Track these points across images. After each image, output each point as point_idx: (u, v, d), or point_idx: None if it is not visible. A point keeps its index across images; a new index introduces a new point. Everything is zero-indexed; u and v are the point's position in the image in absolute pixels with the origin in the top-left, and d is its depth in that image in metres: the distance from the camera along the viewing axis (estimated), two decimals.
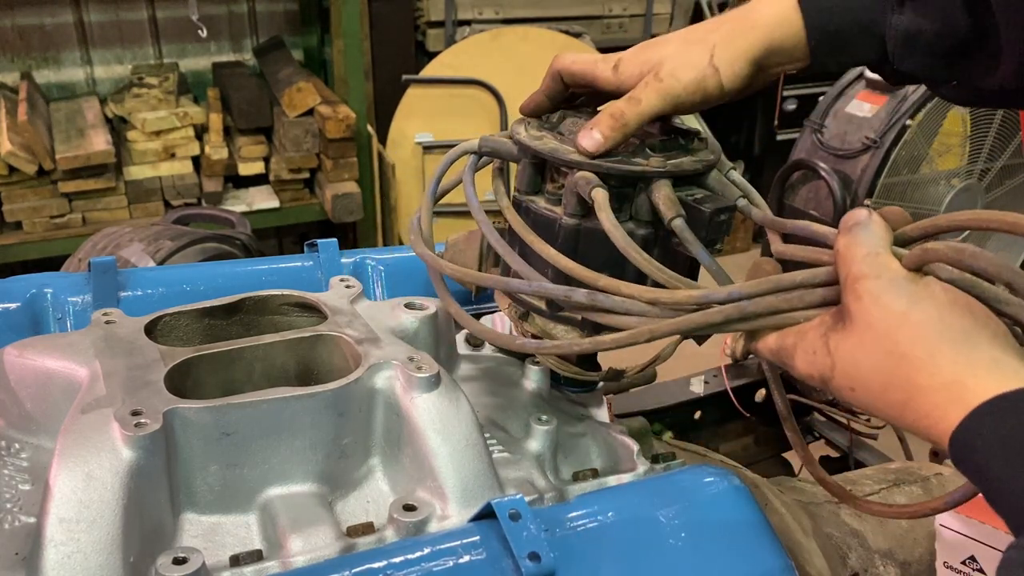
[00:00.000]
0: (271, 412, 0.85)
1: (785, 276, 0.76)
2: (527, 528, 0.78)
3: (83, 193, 3.38)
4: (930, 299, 0.65)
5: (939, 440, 0.63)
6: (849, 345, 0.69)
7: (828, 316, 0.72)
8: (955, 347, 0.63)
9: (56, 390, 0.91)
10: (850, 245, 0.70)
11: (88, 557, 0.72)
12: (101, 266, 1.17)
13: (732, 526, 0.88)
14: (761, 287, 0.76)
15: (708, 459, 1.30)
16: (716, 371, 1.75)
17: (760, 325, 0.77)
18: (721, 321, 0.77)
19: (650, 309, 0.81)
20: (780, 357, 0.77)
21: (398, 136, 4.06)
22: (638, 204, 0.89)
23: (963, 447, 0.61)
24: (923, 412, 0.64)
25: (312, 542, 0.81)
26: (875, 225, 0.70)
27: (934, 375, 0.63)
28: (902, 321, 0.65)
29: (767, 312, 0.76)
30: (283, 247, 4.27)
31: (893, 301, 0.66)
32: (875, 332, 0.66)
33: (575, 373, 1.06)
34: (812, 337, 0.72)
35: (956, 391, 0.62)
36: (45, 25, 3.72)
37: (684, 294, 0.79)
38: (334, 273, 1.24)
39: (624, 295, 0.81)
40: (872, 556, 1.18)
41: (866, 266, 0.68)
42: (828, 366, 0.71)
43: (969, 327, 0.64)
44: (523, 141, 0.93)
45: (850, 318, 0.69)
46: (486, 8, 4.34)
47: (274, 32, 4.15)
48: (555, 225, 0.90)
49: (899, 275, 0.67)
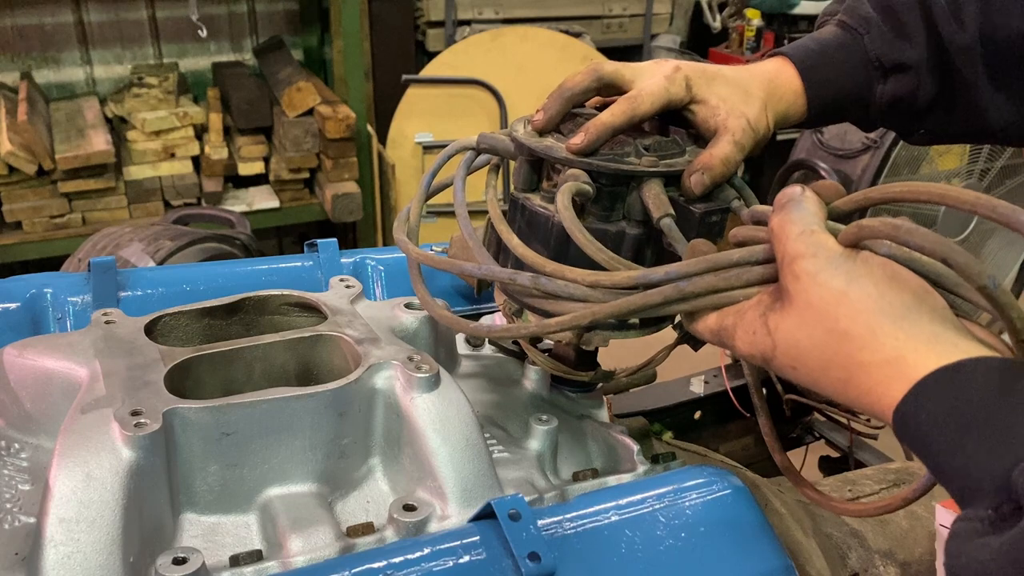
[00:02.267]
0: (271, 412, 0.85)
1: (722, 255, 0.76)
2: (527, 528, 0.78)
3: (83, 193, 3.38)
4: (868, 276, 0.65)
5: (882, 415, 0.64)
6: (788, 324, 0.69)
7: (766, 295, 0.72)
8: (895, 323, 0.63)
9: (56, 390, 0.91)
10: (784, 223, 0.70)
11: (88, 557, 0.72)
12: (101, 266, 1.17)
13: (732, 526, 0.88)
14: (699, 266, 0.76)
15: (708, 459, 1.30)
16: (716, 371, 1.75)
17: (699, 305, 0.77)
18: (660, 302, 0.77)
19: (591, 292, 0.81)
20: (720, 337, 0.77)
21: (398, 136, 4.07)
22: (630, 203, 0.89)
23: (906, 422, 0.61)
24: (865, 388, 0.64)
25: (312, 542, 0.81)
26: (808, 202, 0.70)
27: (875, 351, 0.63)
28: (840, 299, 0.65)
29: (705, 291, 0.76)
30: (283, 247, 4.27)
31: (831, 279, 0.66)
32: (814, 311, 0.66)
33: (564, 372, 1.06)
34: (751, 317, 0.72)
35: (898, 366, 0.62)
36: (45, 25, 3.72)
37: (623, 275, 0.80)
38: (334, 273, 1.24)
39: (568, 279, 0.82)
40: (872, 556, 1.18)
41: (801, 244, 0.68)
42: (769, 346, 0.71)
43: (909, 302, 0.64)
44: (520, 139, 0.94)
45: (788, 297, 0.68)
46: (486, 8, 4.34)
47: (274, 32, 4.15)
48: (548, 223, 0.90)
49: (835, 252, 0.67)
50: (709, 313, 0.77)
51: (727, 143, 0.89)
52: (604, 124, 0.88)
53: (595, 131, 0.88)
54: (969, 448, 0.57)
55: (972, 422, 0.57)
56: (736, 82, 0.94)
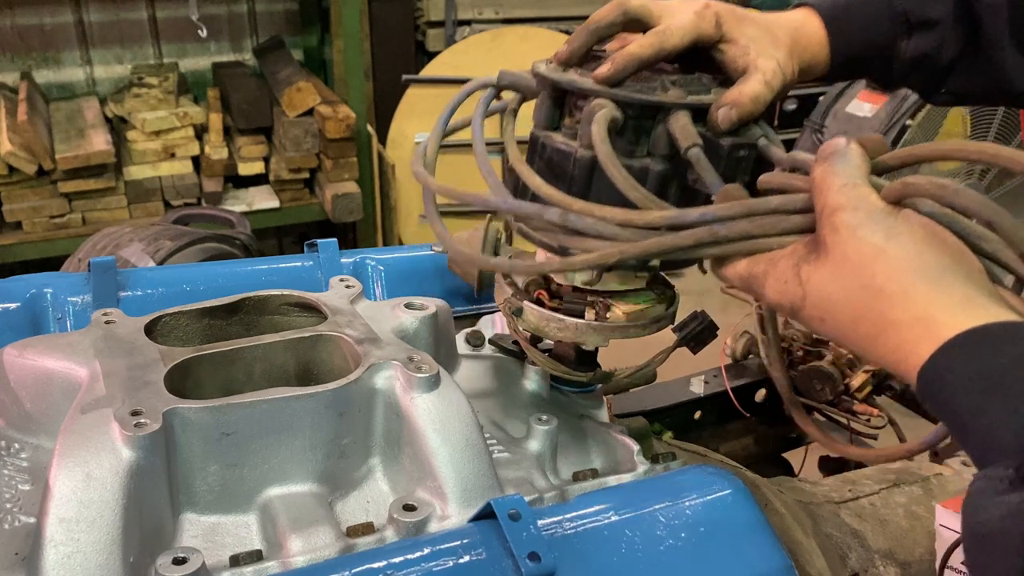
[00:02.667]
0: (271, 412, 0.85)
1: (760, 201, 0.75)
2: (527, 528, 0.78)
3: (83, 193, 3.38)
4: (908, 234, 0.65)
5: (907, 374, 0.64)
6: (822, 276, 0.68)
7: (801, 245, 0.71)
8: (930, 283, 0.63)
9: (56, 390, 0.91)
10: (827, 174, 0.69)
11: (88, 557, 0.72)
12: (101, 266, 1.17)
13: (732, 526, 0.88)
14: (735, 210, 0.74)
15: (708, 459, 1.30)
16: (716, 371, 1.75)
17: (731, 251, 0.75)
18: (692, 244, 0.75)
19: (621, 232, 0.78)
20: (749, 284, 0.76)
21: (398, 136, 4.07)
22: (656, 137, 0.86)
23: (932, 381, 0.61)
24: (893, 346, 0.64)
25: (312, 542, 0.81)
26: (853, 154, 0.70)
27: (907, 310, 0.63)
28: (878, 255, 0.65)
29: (739, 237, 0.74)
30: (283, 247, 4.27)
31: (870, 234, 0.65)
32: (850, 265, 0.66)
33: (564, 372, 1.06)
34: (784, 266, 0.72)
35: (927, 326, 0.62)
36: (45, 25, 3.72)
37: (656, 215, 0.77)
38: (334, 273, 1.24)
39: (597, 217, 0.79)
40: (872, 556, 1.18)
41: (843, 197, 0.67)
42: (799, 296, 0.70)
43: (946, 263, 0.64)
44: (542, 72, 0.90)
45: (825, 249, 0.68)
46: (486, 8, 4.34)
47: (274, 32, 4.15)
48: (570, 159, 0.86)
49: (877, 208, 0.66)
50: (740, 259, 0.76)
51: (757, 81, 0.86)
52: (631, 55, 0.85)
53: (622, 61, 0.85)
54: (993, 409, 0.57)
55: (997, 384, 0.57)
56: (765, 26, 0.92)
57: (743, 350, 1.76)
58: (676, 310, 1.03)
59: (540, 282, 1.02)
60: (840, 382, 1.59)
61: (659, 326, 1.00)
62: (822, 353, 1.63)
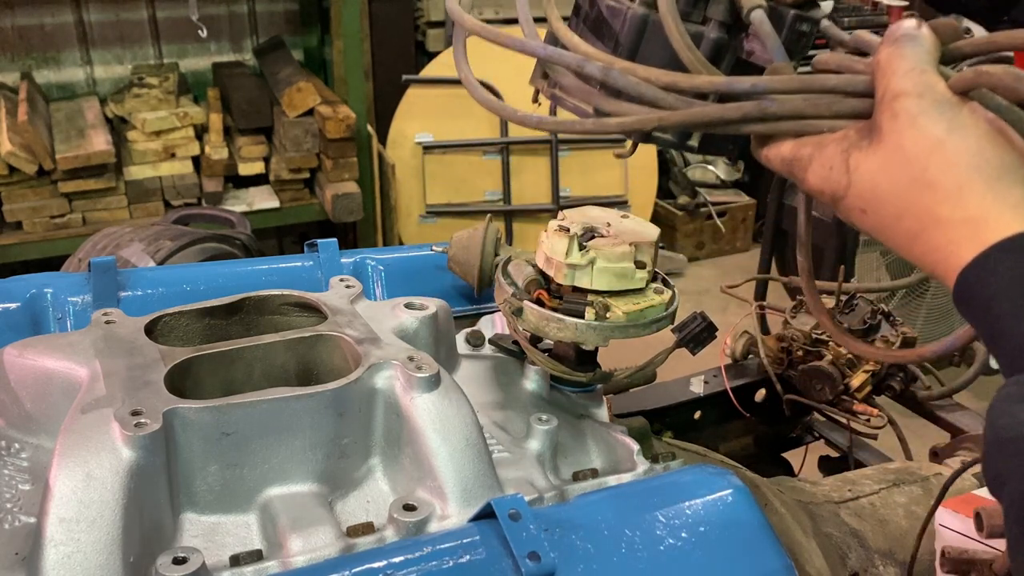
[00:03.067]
0: (271, 412, 0.85)
1: (817, 78, 0.69)
2: (527, 528, 0.78)
3: (83, 193, 3.38)
4: (972, 127, 0.62)
5: (945, 275, 0.61)
6: (872, 164, 0.65)
7: (853, 131, 0.67)
8: (986, 182, 0.60)
9: (56, 390, 0.91)
10: (893, 57, 0.64)
11: (88, 557, 0.72)
12: (101, 266, 1.18)
13: (732, 526, 0.88)
14: (790, 84, 0.69)
15: (708, 459, 1.30)
16: (716, 371, 1.74)
17: (778, 129, 0.70)
18: (738, 118, 0.70)
19: (664, 97, 0.72)
20: (791, 167, 0.71)
21: (398, 136, 4.07)
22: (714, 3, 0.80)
23: (972, 284, 0.59)
24: (935, 245, 0.62)
25: (312, 542, 0.81)
26: (924, 38, 0.65)
27: (957, 208, 0.60)
28: (936, 147, 0.61)
29: (790, 115, 0.69)
30: (283, 247, 4.27)
31: (931, 124, 0.62)
32: (904, 155, 0.62)
33: (564, 372, 1.06)
34: (832, 151, 0.68)
35: (976, 227, 0.59)
36: (45, 25, 3.72)
37: (705, 79, 0.72)
38: (334, 273, 1.24)
39: (641, 77, 0.73)
40: (872, 556, 1.18)
41: (908, 82, 0.63)
42: (843, 185, 0.67)
43: (1007, 163, 0.61)
44: None
45: (879, 136, 0.64)
46: (486, 8, 4.34)
47: (274, 32, 4.15)
48: (621, 17, 0.81)
49: (942, 97, 0.62)
50: (785, 139, 0.71)
51: None
52: None
53: None
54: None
55: None
56: None
57: (743, 350, 1.76)
58: (676, 310, 1.03)
59: (540, 282, 1.02)
60: (840, 382, 1.59)
61: (659, 326, 1.00)
62: (822, 353, 1.63)
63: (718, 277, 3.96)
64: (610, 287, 0.99)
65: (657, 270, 1.05)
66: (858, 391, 1.58)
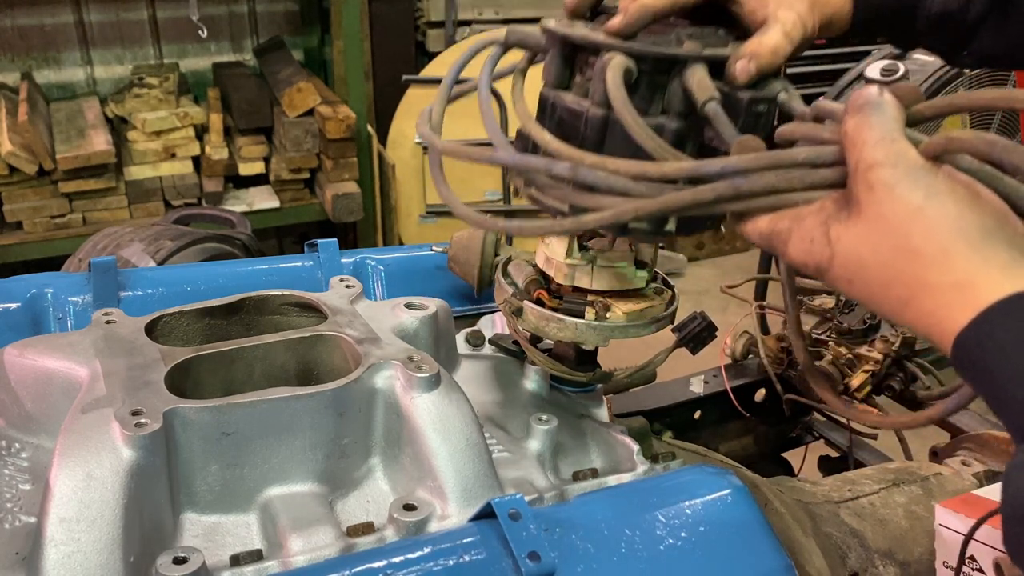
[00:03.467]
0: (271, 412, 0.85)
1: (785, 153, 0.70)
2: (527, 528, 0.78)
3: (83, 193, 3.38)
4: (949, 193, 0.61)
5: (941, 340, 0.61)
6: (853, 236, 0.65)
7: (830, 201, 0.67)
8: (971, 245, 0.60)
9: (56, 390, 0.91)
10: (861, 127, 0.65)
11: (88, 557, 0.73)
12: (101, 266, 1.18)
13: (732, 526, 0.88)
14: (759, 162, 0.69)
15: (708, 459, 1.30)
16: (716, 371, 1.74)
17: (754, 206, 0.71)
18: (712, 199, 0.70)
19: (635, 186, 0.73)
20: (771, 242, 0.71)
21: (398, 136, 4.07)
22: (671, 93, 0.82)
23: (970, 348, 0.58)
24: (927, 311, 0.61)
25: (312, 542, 0.81)
26: (888, 105, 0.66)
27: (945, 273, 0.60)
28: (917, 215, 0.61)
29: (764, 191, 0.69)
30: (283, 247, 4.27)
31: (908, 192, 0.62)
32: (886, 225, 0.62)
33: (563, 372, 1.06)
34: (810, 223, 0.68)
35: (967, 291, 0.59)
36: (45, 25, 3.72)
37: (673, 166, 0.72)
38: (334, 273, 1.24)
39: (609, 170, 0.74)
40: (872, 556, 1.18)
41: (880, 152, 0.63)
42: (826, 256, 0.67)
43: (989, 225, 0.61)
44: (552, 28, 0.86)
45: (858, 207, 0.64)
46: (486, 8, 4.34)
47: (274, 32, 4.15)
48: (582, 118, 0.83)
49: (916, 164, 0.62)
50: (762, 215, 0.72)
51: (776, 32, 0.82)
52: (645, 5, 0.81)
53: (635, 12, 0.81)
54: None
55: None
56: None
57: (743, 350, 1.75)
58: (676, 310, 1.03)
59: (540, 282, 1.02)
60: (840, 382, 1.59)
61: (659, 326, 1.00)
62: (822, 353, 1.63)
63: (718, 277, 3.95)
64: (610, 287, 0.99)
65: (657, 270, 1.05)
66: (858, 391, 1.58)
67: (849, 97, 0.67)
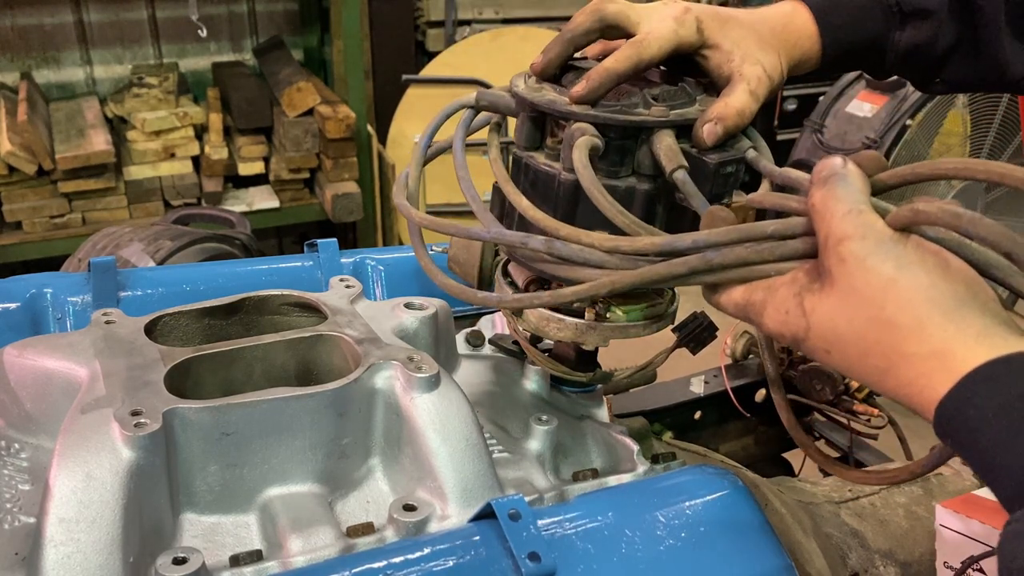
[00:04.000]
0: (271, 412, 0.85)
1: (755, 226, 0.71)
2: (527, 528, 0.78)
3: (83, 193, 3.38)
4: (919, 263, 0.62)
5: (923, 409, 0.62)
6: (827, 308, 0.65)
7: (802, 273, 0.68)
8: (945, 314, 0.60)
9: (56, 390, 0.91)
10: (828, 199, 0.66)
11: (88, 557, 0.72)
12: (101, 266, 1.17)
13: (732, 526, 0.88)
14: (730, 236, 0.71)
15: (708, 459, 1.30)
16: (716, 371, 1.74)
17: (727, 278, 0.73)
18: (685, 272, 0.72)
19: (609, 259, 0.76)
20: (746, 313, 0.73)
21: (398, 136, 4.07)
22: (640, 157, 0.83)
23: (952, 417, 0.59)
24: (906, 380, 0.62)
25: (312, 542, 0.81)
26: (852, 176, 0.67)
27: (922, 343, 0.61)
28: (888, 286, 0.62)
29: (736, 264, 0.71)
30: (283, 247, 4.27)
31: (879, 264, 0.63)
32: (859, 297, 0.63)
33: (563, 373, 1.06)
34: (784, 294, 0.69)
35: (944, 359, 0.60)
36: (45, 25, 3.72)
37: (646, 241, 0.75)
38: (334, 273, 1.24)
39: (584, 244, 0.77)
40: (872, 556, 1.18)
41: (849, 225, 0.64)
42: (802, 327, 0.67)
43: (961, 293, 0.62)
44: (521, 93, 0.88)
45: (830, 279, 0.65)
46: (486, 8, 4.34)
47: (274, 32, 4.15)
48: (555, 182, 0.85)
49: (885, 236, 0.63)
50: (736, 286, 0.73)
51: (742, 92, 0.84)
52: (608, 70, 0.82)
53: (598, 78, 0.82)
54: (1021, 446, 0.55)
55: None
56: (750, 25, 0.89)
57: (743, 350, 1.75)
58: (676, 310, 1.03)
59: (540, 282, 1.02)
60: (840, 382, 1.59)
61: (659, 326, 1.00)
62: None
63: None
64: None
65: None
66: (858, 391, 1.58)
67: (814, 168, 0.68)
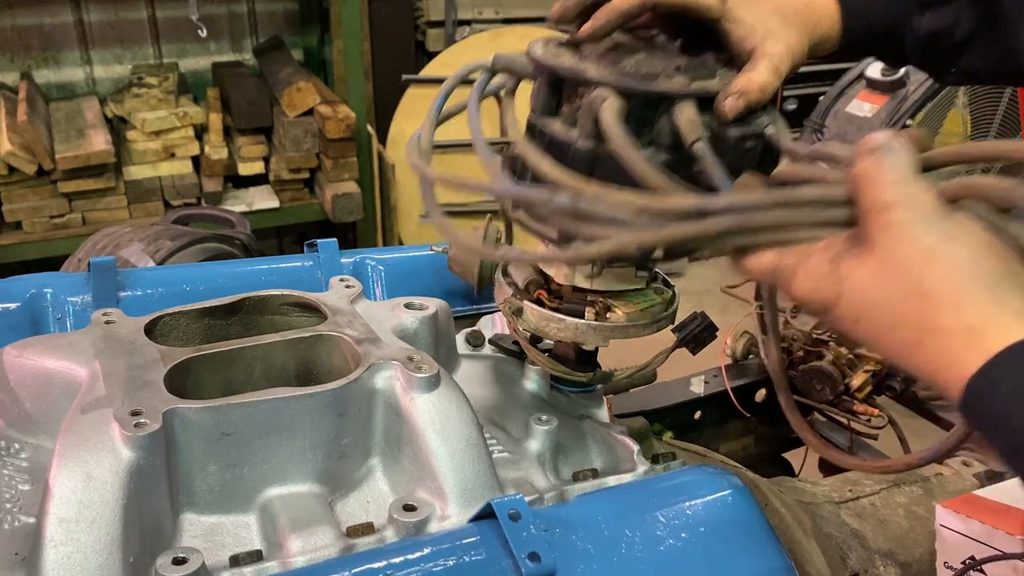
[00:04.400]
0: (271, 412, 0.85)
1: (794, 191, 0.70)
2: (527, 528, 0.78)
3: (83, 193, 3.38)
4: (964, 237, 0.62)
5: (948, 385, 0.61)
6: (862, 274, 0.65)
7: (840, 240, 0.67)
8: (983, 292, 0.60)
9: (56, 390, 0.91)
10: (875, 169, 0.65)
11: (88, 557, 0.72)
12: (101, 266, 1.17)
13: (732, 526, 0.88)
14: (767, 199, 0.70)
15: (708, 459, 1.30)
16: (716, 371, 1.74)
17: (760, 240, 0.71)
18: (717, 232, 0.70)
19: (637, 220, 0.73)
20: (775, 277, 0.72)
21: (398, 136, 4.07)
22: (659, 128, 0.82)
23: (982, 393, 0.58)
24: (934, 355, 0.61)
25: (312, 542, 0.81)
26: (903, 150, 0.66)
27: (957, 318, 0.60)
28: (930, 258, 0.61)
29: (772, 226, 0.70)
30: (283, 247, 4.27)
31: (924, 235, 0.62)
32: (898, 266, 0.62)
33: (563, 373, 1.06)
34: (817, 260, 0.68)
35: (977, 336, 0.59)
36: (45, 25, 3.72)
37: (677, 201, 0.72)
38: (334, 273, 1.24)
39: (613, 203, 0.74)
40: (872, 556, 1.18)
41: (897, 194, 0.63)
42: (833, 294, 0.67)
43: (1002, 272, 0.61)
44: (539, 58, 0.86)
45: (870, 247, 0.64)
46: (486, 8, 4.34)
47: (274, 32, 4.15)
48: (570, 149, 0.83)
49: (932, 208, 0.63)
50: (766, 250, 0.72)
51: (765, 68, 0.82)
52: (614, 7, 0.81)
53: (604, 15, 0.81)
54: None
55: None
56: (774, 2, 0.88)
57: (743, 350, 1.76)
58: (676, 310, 1.03)
59: (540, 282, 1.02)
60: (840, 382, 1.59)
61: (659, 326, 1.00)
62: (822, 353, 1.63)
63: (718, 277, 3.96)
64: (610, 287, 0.98)
65: (657, 270, 1.05)
66: (858, 391, 1.58)
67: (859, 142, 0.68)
